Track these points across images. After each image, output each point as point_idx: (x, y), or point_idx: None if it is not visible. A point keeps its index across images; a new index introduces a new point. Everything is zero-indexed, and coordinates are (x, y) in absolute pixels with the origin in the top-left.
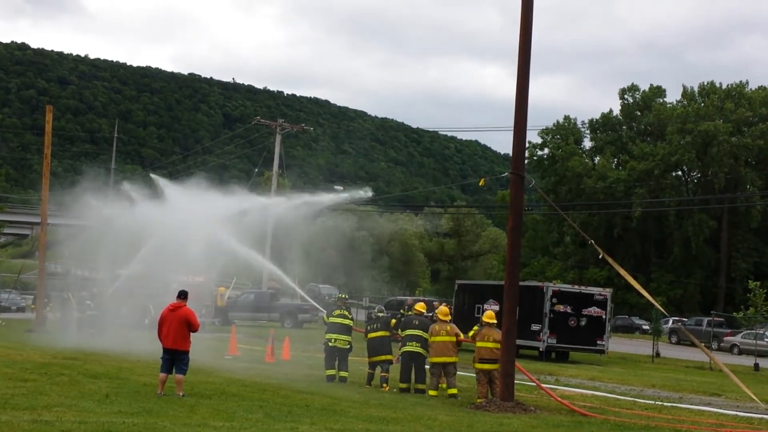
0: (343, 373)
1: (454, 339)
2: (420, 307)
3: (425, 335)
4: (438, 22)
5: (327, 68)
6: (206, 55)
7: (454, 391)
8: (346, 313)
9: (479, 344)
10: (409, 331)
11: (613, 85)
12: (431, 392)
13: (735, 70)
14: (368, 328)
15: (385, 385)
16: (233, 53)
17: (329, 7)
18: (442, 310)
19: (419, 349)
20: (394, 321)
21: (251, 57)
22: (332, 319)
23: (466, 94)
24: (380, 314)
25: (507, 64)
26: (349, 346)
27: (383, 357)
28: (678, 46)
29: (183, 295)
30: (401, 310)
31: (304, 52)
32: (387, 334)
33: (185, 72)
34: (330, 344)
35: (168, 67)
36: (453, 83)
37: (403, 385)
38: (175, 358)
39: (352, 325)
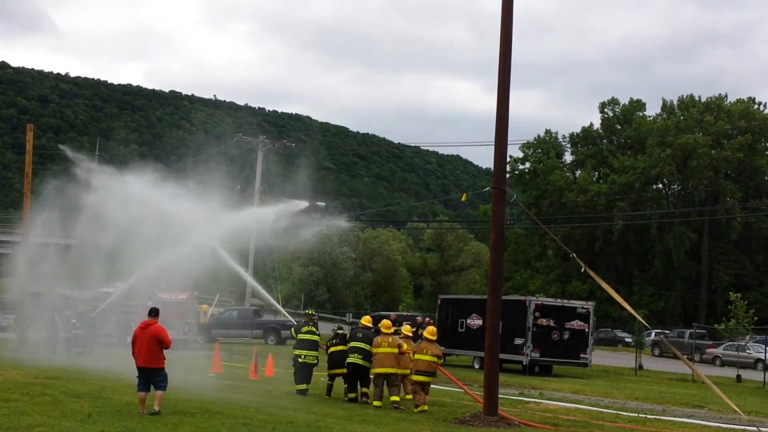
0: (307, 386)
1: (395, 350)
2: (365, 320)
3: (367, 347)
4: (407, 38)
5: (303, 85)
6: (180, 73)
7: (396, 398)
8: (314, 329)
9: (417, 356)
10: (352, 344)
11: (582, 99)
12: (375, 402)
13: (703, 82)
14: (328, 343)
15: (351, 394)
16: (208, 71)
17: (299, 25)
18: (384, 323)
19: (360, 361)
20: (348, 335)
21: (228, 75)
22: (301, 336)
23: (442, 109)
24: (339, 331)
25: (479, 79)
26: (316, 361)
27: (342, 370)
28: (646, 60)
29: (154, 312)
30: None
31: (280, 69)
32: (345, 348)
33: (166, 89)
34: (300, 360)
35: (141, 84)
36: (427, 98)
37: (352, 395)
38: (150, 376)
39: (319, 340)
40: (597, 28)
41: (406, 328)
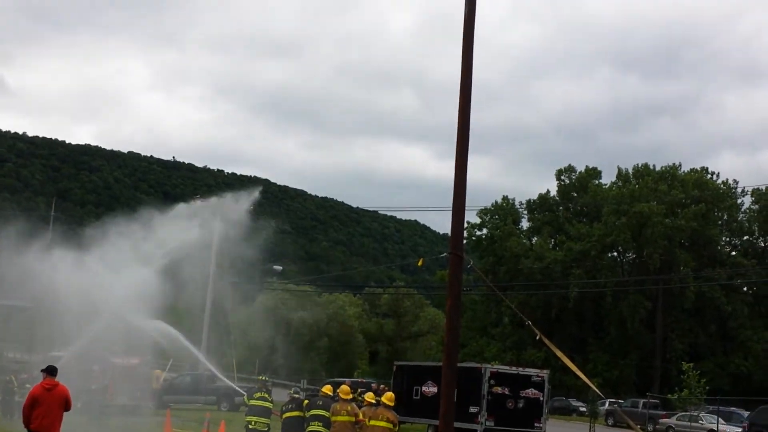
0: None
1: (353, 419)
2: (326, 389)
3: (328, 414)
4: (356, 104)
5: (258, 149)
6: (133, 134)
7: None
8: (267, 395)
9: (372, 422)
10: (313, 411)
11: (531, 166)
12: None
13: (648, 152)
14: (283, 408)
15: None
16: (162, 133)
17: (249, 90)
18: (343, 389)
19: (321, 428)
20: (306, 402)
21: (182, 138)
22: (253, 402)
23: (394, 174)
24: (296, 396)
25: (429, 144)
26: (267, 429)
27: None
28: (590, 129)
29: (53, 371)
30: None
31: (234, 133)
32: (301, 414)
33: (125, 150)
34: (250, 426)
35: (99, 144)
36: (379, 163)
37: None
38: None
39: (271, 407)
40: (542, 98)
41: (369, 395)
